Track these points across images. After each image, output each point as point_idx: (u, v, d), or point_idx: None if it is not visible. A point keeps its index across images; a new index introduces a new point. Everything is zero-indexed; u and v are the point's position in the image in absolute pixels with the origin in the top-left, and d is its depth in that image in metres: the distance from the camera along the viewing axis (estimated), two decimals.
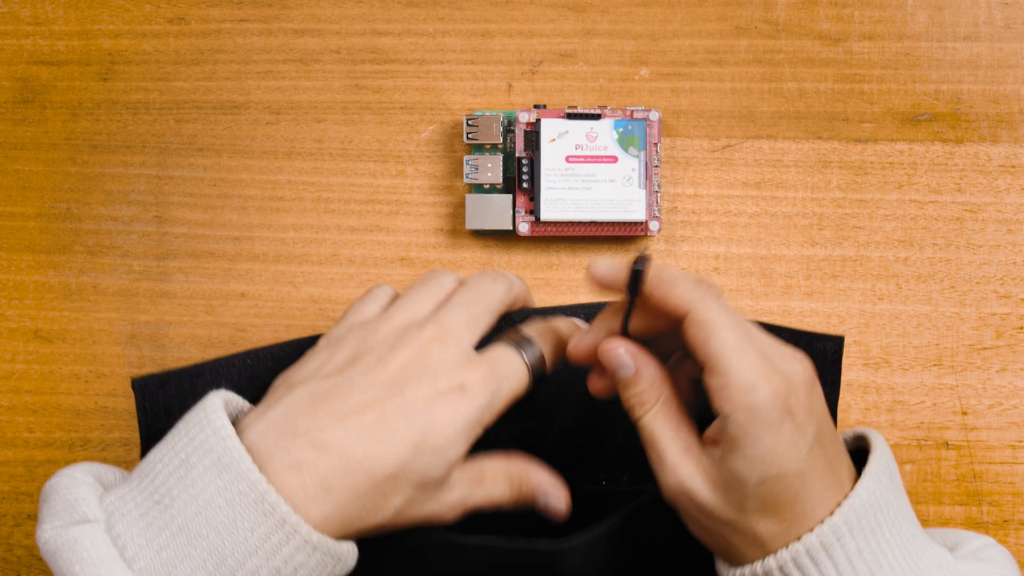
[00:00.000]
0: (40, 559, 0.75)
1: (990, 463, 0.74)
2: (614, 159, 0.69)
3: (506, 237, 0.73)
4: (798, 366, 0.58)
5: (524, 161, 0.71)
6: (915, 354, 0.74)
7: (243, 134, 0.74)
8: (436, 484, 0.60)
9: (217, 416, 0.58)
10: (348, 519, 0.58)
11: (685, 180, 0.74)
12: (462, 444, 0.60)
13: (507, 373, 0.61)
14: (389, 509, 0.59)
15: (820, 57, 0.74)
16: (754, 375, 0.57)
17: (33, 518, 0.75)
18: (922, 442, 0.74)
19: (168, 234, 0.74)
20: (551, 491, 0.64)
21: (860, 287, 0.74)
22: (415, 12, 0.74)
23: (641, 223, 0.71)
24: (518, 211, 0.71)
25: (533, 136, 0.71)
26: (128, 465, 0.74)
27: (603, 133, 0.69)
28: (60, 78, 0.74)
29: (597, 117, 0.70)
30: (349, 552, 0.59)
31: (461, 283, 0.65)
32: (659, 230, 0.70)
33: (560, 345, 0.63)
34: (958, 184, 0.74)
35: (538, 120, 0.71)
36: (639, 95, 0.74)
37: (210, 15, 0.74)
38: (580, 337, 0.62)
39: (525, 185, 0.70)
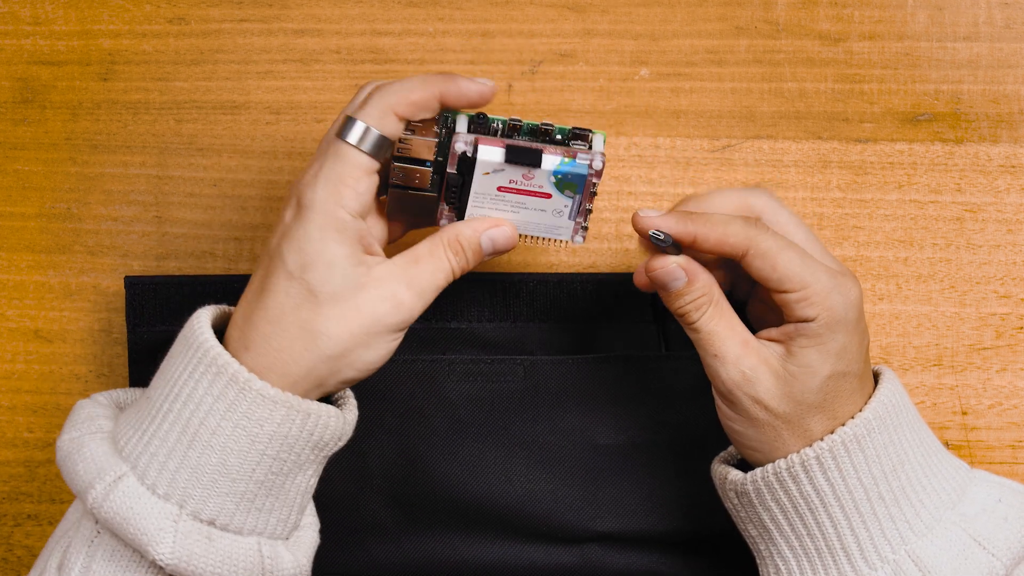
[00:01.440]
0: None
1: (990, 463, 0.74)
2: (548, 196, 0.65)
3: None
4: (853, 280, 0.63)
5: (453, 177, 0.64)
6: (915, 354, 0.74)
7: (243, 134, 0.74)
8: (382, 332, 0.61)
9: (197, 319, 0.61)
10: (307, 389, 0.61)
11: (685, 180, 0.74)
12: (350, 287, 0.60)
13: (331, 188, 0.61)
14: (343, 378, 0.61)
15: (820, 57, 0.74)
16: (830, 281, 0.62)
17: (33, 518, 0.75)
18: None
19: (168, 234, 0.74)
20: (494, 234, 0.64)
21: None
22: (415, 12, 0.74)
23: (566, 240, 0.66)
24: (442, 207, 0.66)
25: (468, 162, 0.64)
26: None
27: (540, 177, 0.64)
28: (60, 78, 0.74)
29: (538, 158, 0.63)
30: (323, 410, 0.61)
31: None
32: (583, 243, 0.66)
33: (400, 100, 0.62)
34: (958, 184, 0.74)
35: (475, 146, 0.63)
36: (639, 95, 0.74)
37: (210, 15, 0.74)
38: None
39: (452, 201, 0.65)
